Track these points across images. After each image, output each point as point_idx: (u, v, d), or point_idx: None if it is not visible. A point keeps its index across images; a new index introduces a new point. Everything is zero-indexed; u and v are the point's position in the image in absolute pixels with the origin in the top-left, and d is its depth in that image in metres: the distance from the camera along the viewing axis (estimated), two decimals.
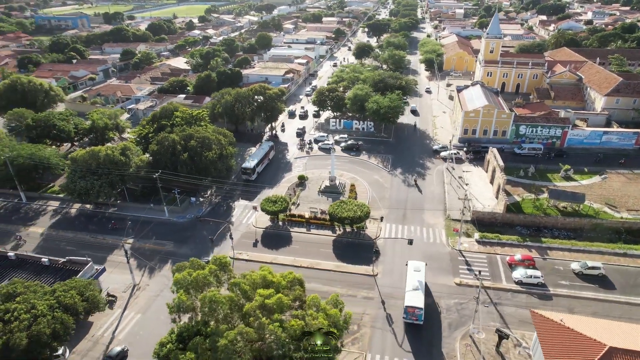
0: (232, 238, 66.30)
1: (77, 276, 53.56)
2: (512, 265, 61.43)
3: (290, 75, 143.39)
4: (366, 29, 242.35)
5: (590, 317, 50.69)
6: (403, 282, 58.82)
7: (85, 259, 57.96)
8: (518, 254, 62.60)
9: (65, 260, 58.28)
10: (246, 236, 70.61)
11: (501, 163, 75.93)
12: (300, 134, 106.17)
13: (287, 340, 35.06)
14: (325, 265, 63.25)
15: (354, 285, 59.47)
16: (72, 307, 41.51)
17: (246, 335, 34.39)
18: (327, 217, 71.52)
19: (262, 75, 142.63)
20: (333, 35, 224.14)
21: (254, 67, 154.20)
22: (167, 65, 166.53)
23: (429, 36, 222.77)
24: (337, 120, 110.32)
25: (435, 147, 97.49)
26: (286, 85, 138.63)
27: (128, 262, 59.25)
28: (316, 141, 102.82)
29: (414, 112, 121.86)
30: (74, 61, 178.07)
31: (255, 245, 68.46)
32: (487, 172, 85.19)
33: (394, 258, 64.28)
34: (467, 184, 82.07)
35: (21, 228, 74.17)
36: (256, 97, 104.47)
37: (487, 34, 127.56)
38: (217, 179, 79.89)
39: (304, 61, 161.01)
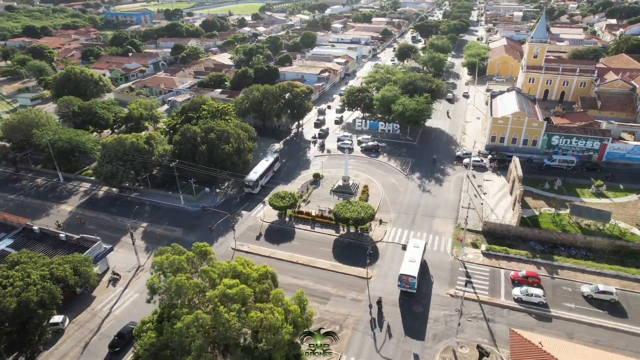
0: (234, 229, 68.19)
1: (84, 253, 57.78)
2: (515, 282, 58.28)
3: (326, 74, 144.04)
4: (415, 31, 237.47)
5: (590, 345, 47.22)
6: (395, 288, 58.14)
7: (94, 237, 62.27)
8: (523, 270, 59.21)
9: (78, 237, 62.90)
10: (252, 229, 72.31)
11: (520, 173, 71.97)
12: (323, 135, 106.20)
13: (241, 330, 35.95)
14: (321, 263, 63.39)
15: (345, 285, 59.18)
16: (62, 279, 45.05)
17: (202, 321, 35.64)
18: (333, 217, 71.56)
19: (299, 73, 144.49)
20: (380, 36, 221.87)
21: (292, 65, 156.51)
22: (212, 61, 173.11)
23: (479, 39, 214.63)
24: (364, 120, 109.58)
25: (458, 152, 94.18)
26: (320, 84, 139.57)
27: (133, 243, 62.91)
28: (338, 140, 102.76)
29: (450, 100, 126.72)
30: (130, 54, 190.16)
31: (258, 238, 69.98)
32: (509, 182, 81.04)
33: (392, 263, 63.11)
34: (484, 193, 78.71)
35: (54, 205, 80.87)
36: (283, 94, 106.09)
37: (532, 37, 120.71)
38: (232, 172, 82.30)
39: (342, 60, 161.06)
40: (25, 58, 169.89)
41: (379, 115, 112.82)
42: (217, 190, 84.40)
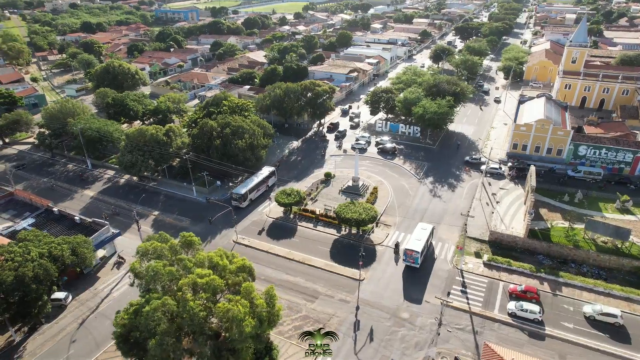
0: (235, 223, 69.78)
1: (92, 236, 61.44)
2: (512, 295, 55.82)
3: (355, 74, 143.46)
4: (456, 34, 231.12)
5: None
6: (387, 292, 57.54)
7: (103, 221, 65.91)
8: (522, 284, 56.53)
9: (91, 220, 66.80)
10: (256, 224, 73.64)
11: (533, 183, 68.59)
12: (339, 137, 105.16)
13: (207, 319, 37.01)
14: (316, 262, 63.54)
15: (336, 286, 59.05)
16: (59, 258, 48.19)
17: (168, 307, 37.03)
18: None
19: (327, 73, 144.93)
20: (418, 37, 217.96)
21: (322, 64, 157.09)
22: (247, 58, 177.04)
23: (523, 42, 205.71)
24: (384, 122, 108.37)
25: (467, 157, 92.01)
26: (348, 84, 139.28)
27: (139, 229, 65.99)
28: (356, 140, 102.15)
29: (486, 92, 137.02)
30: (172, 49, 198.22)
31: (260, 233, 71.14)
32: (525, 191, 77.44)
33: (388, 267, 62.24)
34: (497, 202, 75.71)
35: (79, 189, 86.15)
36: (305, 92, 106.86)
37: (571, 41, 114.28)
38: (245, 167, 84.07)
39: (374, 61, 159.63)
40: (77, 52, 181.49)
41: (403, 117, 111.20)
42: (230, 184, 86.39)
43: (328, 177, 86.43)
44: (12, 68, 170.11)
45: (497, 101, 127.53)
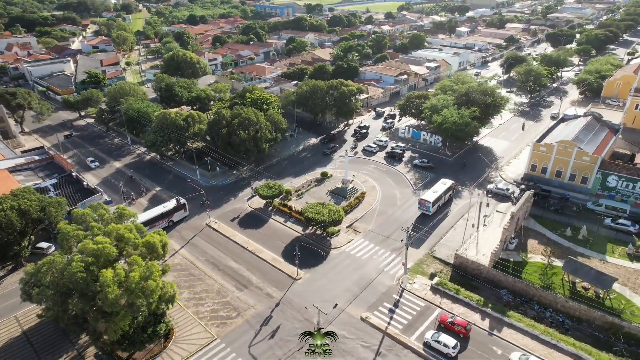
0: (208, 208, 74.13)
1: (84, 200, 70.71)
2: (441, 325, 51.27)
3: (404, 76, 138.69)
4: (547, 41, 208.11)
5: None
6: (314, 295, 56.86)
7: (99, 188, 75.09)
8: (456, 316, 51.49)
9: (93, 187, 76.60)
10: (234, 211, 77.13)
11: (515, 210, 61.20)
12: (328, 153, 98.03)
13: (82, 279, 41.24)
14: (265, 255, 64.86)
15: (269, 279, 59.92)
16: (26, 212, 56.93)
17: (55, 264, 42.22)
18: None
19: (377, 74, 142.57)
20: (503, 43, 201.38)
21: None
22: (312, 54, 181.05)
23: (630, 54, 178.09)
24: (407, 128, 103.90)
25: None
26: (394, 86, 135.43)
27: (125, 200, 73.81)
28: (374, 142, 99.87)
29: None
30: (251, 43, 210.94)
31: (233, 220, 74.46)
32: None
33: (330, 272, 61.06)
34: (484, 225, 68.92)
35: (111, 160, 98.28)
36: (331, 91, 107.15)
37: None
38: (247, 158, 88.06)
39: (433, 65, 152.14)
40: (168, 40, 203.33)
41: (433, 126, 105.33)
42: (235, 172, 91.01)
43: (324, 177, 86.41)
44: (114, 53, 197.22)
45: (554, 117, 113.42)
